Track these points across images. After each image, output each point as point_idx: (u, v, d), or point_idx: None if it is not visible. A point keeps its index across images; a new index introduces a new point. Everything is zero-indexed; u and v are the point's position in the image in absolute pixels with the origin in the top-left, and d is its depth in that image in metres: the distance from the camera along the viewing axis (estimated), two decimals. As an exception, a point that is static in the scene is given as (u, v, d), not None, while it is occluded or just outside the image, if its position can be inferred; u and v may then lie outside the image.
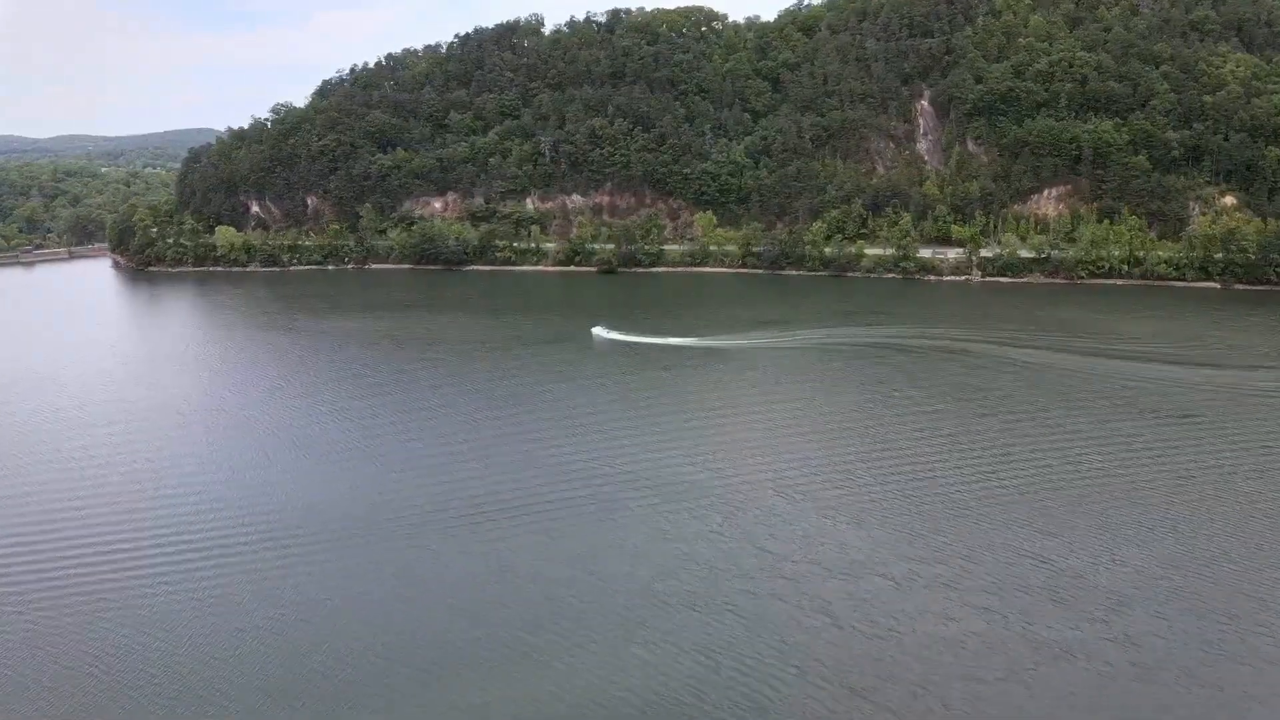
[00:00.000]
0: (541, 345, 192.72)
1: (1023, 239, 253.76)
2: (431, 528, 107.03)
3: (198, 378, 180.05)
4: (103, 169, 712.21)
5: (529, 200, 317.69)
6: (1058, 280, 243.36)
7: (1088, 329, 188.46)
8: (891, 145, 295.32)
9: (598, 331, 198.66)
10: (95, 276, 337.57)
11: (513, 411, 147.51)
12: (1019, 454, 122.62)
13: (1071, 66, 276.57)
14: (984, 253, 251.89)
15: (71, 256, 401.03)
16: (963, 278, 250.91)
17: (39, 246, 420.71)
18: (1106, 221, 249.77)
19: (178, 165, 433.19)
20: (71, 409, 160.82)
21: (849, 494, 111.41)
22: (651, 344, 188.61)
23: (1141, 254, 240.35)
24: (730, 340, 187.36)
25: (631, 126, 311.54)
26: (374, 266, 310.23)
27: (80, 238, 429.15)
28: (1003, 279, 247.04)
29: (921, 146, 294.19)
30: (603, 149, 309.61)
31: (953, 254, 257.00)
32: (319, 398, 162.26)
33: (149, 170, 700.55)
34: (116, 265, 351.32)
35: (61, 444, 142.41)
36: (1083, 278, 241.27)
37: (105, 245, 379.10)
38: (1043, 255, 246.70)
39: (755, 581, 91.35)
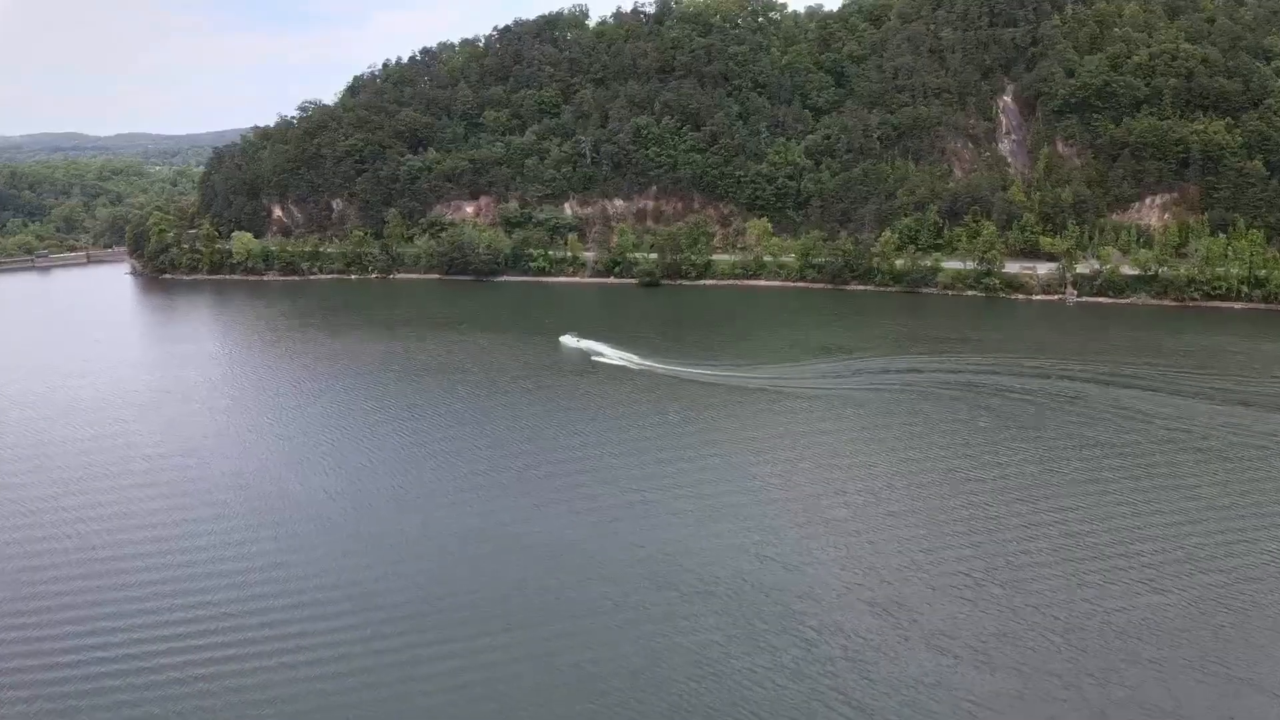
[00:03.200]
0: (571, 376, 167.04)
1: (1123, 253, 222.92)
2: (390, 651, 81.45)
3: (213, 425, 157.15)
4: (154, 168, 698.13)
5: (567, 205, 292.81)
6: (1166, 302, 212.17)
7: (1220, 366, 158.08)
8: (970, 146, 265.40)
9: (566, 340, 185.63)
10: (109, 284, 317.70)
11: (520, 469, 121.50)
12: (1174, 547, 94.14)
13: (1175, 59, 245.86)
14: (1080, 269, 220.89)
15: (90, 261, 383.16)
16: (1056, 297, 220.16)
17: (71, 249, 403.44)
18: (1221, 235, 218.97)
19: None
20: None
21: (966, 612, 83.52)
22: (657, 369, 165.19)
23: (1263, 273, 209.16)
24: (779, 372, 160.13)
25: (680, 125, 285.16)
26: (399, 276, 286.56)
27: (115, 240, 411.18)
28: (1103, 299, 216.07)
29: (1004, 147, 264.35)
30: (648, 149, 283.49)
31: (1043, 269, 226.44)
32: (298, 447, 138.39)
33: (198, 169, 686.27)
34: (133, 272, 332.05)
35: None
36: (1195, 299, 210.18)
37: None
38: (1150, 273, 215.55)
39: (849, 770, 64.61)
